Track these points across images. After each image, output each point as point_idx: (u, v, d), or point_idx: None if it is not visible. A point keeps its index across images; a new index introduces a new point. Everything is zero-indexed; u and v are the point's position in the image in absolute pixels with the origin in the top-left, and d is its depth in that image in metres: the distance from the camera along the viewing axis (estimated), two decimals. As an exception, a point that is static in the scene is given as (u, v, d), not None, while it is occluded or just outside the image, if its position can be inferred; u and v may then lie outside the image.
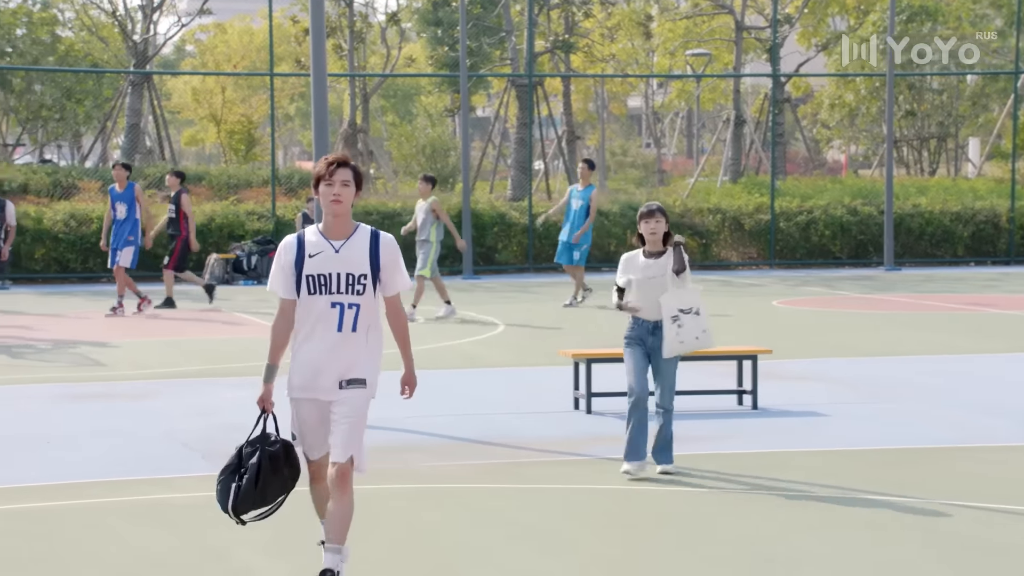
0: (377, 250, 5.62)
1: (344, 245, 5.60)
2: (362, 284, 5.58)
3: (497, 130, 35.37)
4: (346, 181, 5.58)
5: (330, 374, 5.61)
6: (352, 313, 5.57)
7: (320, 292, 5.57)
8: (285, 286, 5.65)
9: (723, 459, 8.79)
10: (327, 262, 5.58)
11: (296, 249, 5.62)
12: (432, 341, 15.02)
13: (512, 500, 7.72)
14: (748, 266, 27.01)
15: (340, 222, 5.63)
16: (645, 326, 8.10)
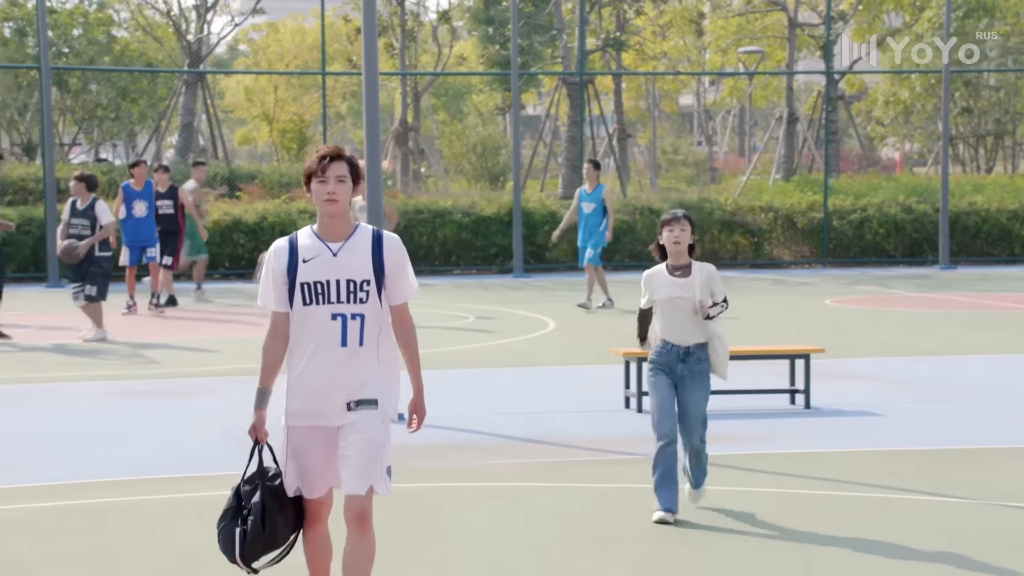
0: (380, 252, 4.90)
1: (343, 248, 4.88)
2: (365, 291, 4.85)
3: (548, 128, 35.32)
4: (341, 176, 4.86)
5: (336, 396, 4.87)
6: (356, 325, 4.85)
7: (317, 302, 4.84)
8: (276, 297, 4.91)
9: (775, 459, 8.71)
10: (324, 268, 4.85)
11: (288, 254, 4.89)
12: (482, 340, 15.02)
13: (562, 499, 7.68)
14: (800, 264, 26.80)
15: (337, 223, 4.89)
16: (675, 352, 6.99)
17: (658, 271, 7.03)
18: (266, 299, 4.96)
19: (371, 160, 10.40)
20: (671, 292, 6.92)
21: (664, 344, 7.00)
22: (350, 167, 4.88)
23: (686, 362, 6.96)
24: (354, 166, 4.89)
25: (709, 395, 7.06)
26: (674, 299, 6.92)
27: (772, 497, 7.73)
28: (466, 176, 37.99)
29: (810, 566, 6.28)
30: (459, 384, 12.01)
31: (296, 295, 4.87)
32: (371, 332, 4.88)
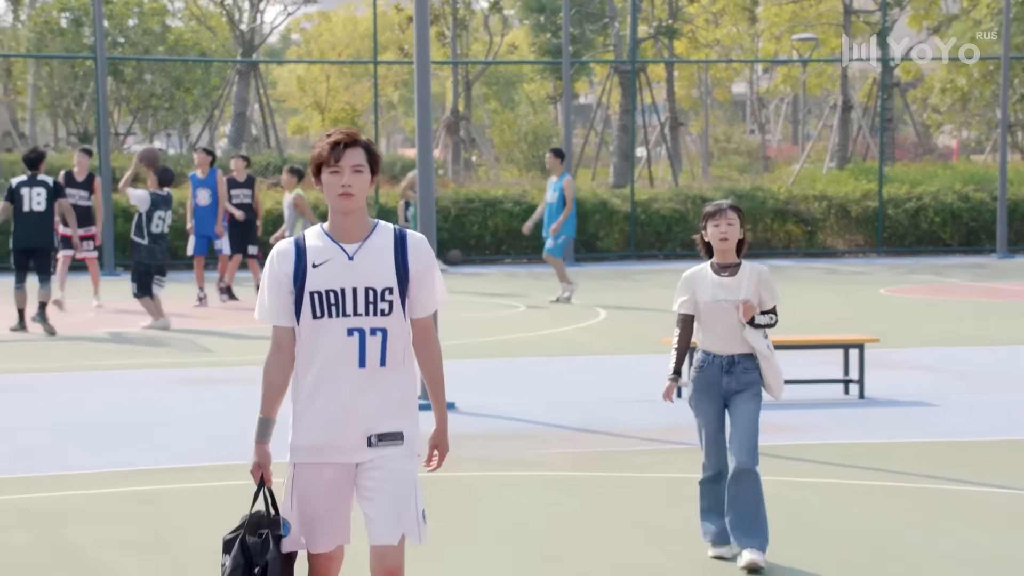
0: (404, 255, 4.14)
1: (360, 250, 4.12)
2: (387, 301, 4.10)
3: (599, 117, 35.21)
4: (358, 166, 4.10)
5: (353, 427, 4.11)
6: (377, 341, 4.09)
7: (331, 315, 4.08)
8: (279, 308, 4.15)
9: (830, 449, 8.64)
10: (338, 273, 4.09)
11: (294, 257, 4.12)
12: (534, 329, 15.00)
13: (616, 488, 7.66)
14: (855, 254, 26.57)
15: (353, 220, 4.13)
16: (718, 363, 6.00)
17: (701, 271, 6.05)
18: (266, 311, 4.17)
19: (423, 149, 10.40)
20: (715, 294, 5.98)
21: (705, 356, 6.04)
22: (368, 154, 4.14)
23: (732, 373, 5.98)
24: (372, 153, 4.16)
25: (760, 410, 6.00)
26: (718, 302, 5.97)
27: (830, 488, 7.66)
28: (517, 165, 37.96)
29: (866, 559, 6.22)
30: (510, 373, 12.00)
31: (304, 306, 4.11)
32: (395, 350, 4.13)
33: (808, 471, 8.00)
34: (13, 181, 14.87)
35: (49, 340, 14.06)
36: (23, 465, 8.32)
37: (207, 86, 40.07)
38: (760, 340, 5.97)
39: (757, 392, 6.00)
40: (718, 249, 6.02)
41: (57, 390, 11.12)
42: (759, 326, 5.95)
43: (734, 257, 6.04)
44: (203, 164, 17.49)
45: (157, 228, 14.73)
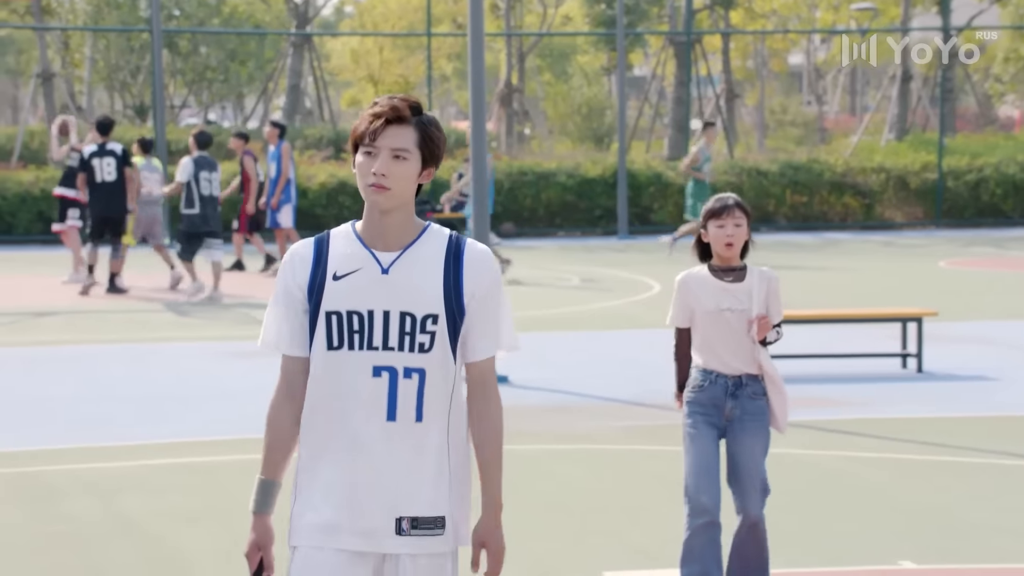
0: (459, 272, 3.13)
1: (399, 261, 3.12)
2: (428, 333, 3.10)
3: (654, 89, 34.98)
4: (400, 150, 3.08)
5: (376, 503, 3.10)
6: (412, 387, 3.09)
7: (352, 345, 3.09)
8: (291, 332, 3.17)
9: (888, 424, 8.54)
10: (367, 290, 3.10)
11: (312, 262, 3.15)
12: (587, 302, 14.95)
13: (670, 462, 7.60)
14: (913, 226, 26.24)
15: (391, 222, 3.13)
16: (722, 384, 5.00)
17: (700, 274, 5.09)
18: (272, 336, 3.20)
19: (476, 122, 10.35)
20: (719, 302, 5.01)
21: (704, 375, 5.04)
22: (421, 136, 3.10)
23: (738, 397, 4.98)
24: (428, 136, 3.11)
25: (768, 446, 5.03)
26: (723, 311, 5.00)
27: (889, 463, 7.56)
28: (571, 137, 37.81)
29: (930, 536, 6.13)
30: (564, 346, 11.96)
31: (318, 331, 3.11)
32: (435, 400, 3.11)
33: (866, 446, 7.91)
34: (85, 151, 15.11)
35: (106, 312, 14.19)
36: (80, 435, 8.40)
37: (261, 59, 40.23)
38: (768, 360, 5.02)
39: (766, 425, 5.01)
40: (721, 255, 5.03)
41: (114, 362, 11.22)
42: (767, 344, 5.03)
43: (738, 260, 5.06)
44: (273, 137, 17.57)
45: (206, 191, 14.88)
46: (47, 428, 8.61)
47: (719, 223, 5.00)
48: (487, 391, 3.21)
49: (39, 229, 22.31)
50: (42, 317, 13.83)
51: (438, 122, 3.16)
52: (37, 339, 12.36)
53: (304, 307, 3.16)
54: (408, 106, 3.12)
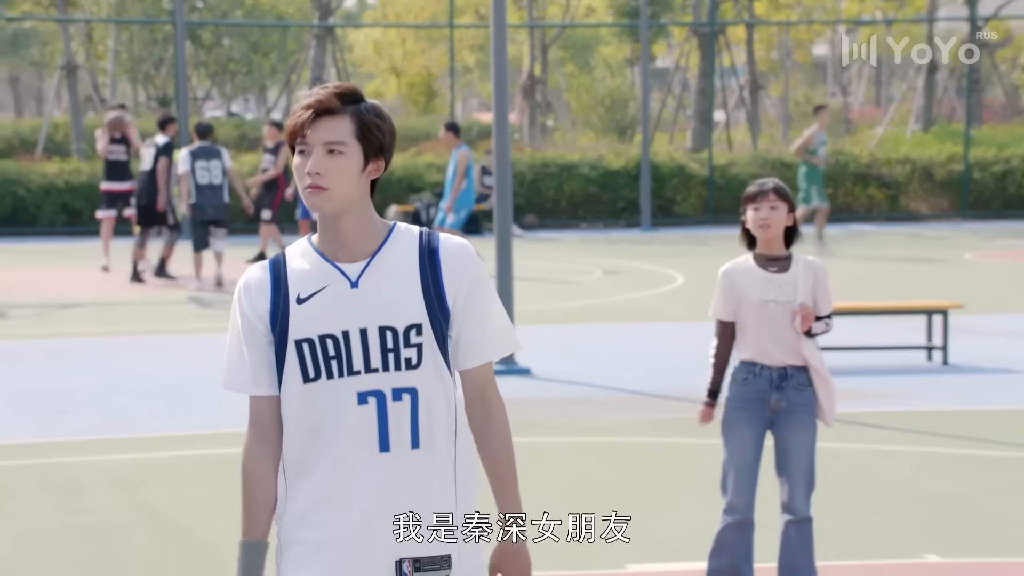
0: (437, 271, 2.81)
1: (368, 271, 2.79)
2: (414, 346, 2.77)
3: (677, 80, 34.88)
4: (334, 144, 2.76)
5: (374, 550, 2.76)
6: (404, 409, 2.77)
7: (330, 373, 2.77)
8: (255, 370, 2.83)
9: (914, 417, 8.49)
10: (337, 309, 2.77)
11: (270, 287, 2.81)
12: (610, 294, 14.92)
13: (691, 455, 7.58)
14: (938, 218, 26.09)
15: (348, 227, 2.79)
16: (766, 376, 4.89)
17: (744, 265, 4.96)
18: (235, 374, 2.86)
19: (499, 113, 10.32)
20: (764, 293, 4.88)
21: (749, 368, 4.91)
22: (359, 125, 2.77)
23: (783, 389, 4.86)
24: (365, 123, 2.77)
25: (816, 440, 4.92)
26: (766, 303, 4.87)
27: (913, 456, 7.52)
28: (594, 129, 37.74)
29: (953, 528, 6.09)
30: (587, 339, 11.94)
31: (289, 364, 2.78)
32: (433, 420, 2.79)
33: (891, 439, 7.87)
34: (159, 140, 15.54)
35: (131, 304, 14.23)
36: (104, 427, 8.43)
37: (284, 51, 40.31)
38: (816, 353, 4.91)
39: (813, 417, 4.90)
40: (760, 238, 4.92)
41: (138, 354, 11.26)
42: (813, 335, 4.92)
43: (782, 248, 4.93)
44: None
45: (203, 179, 14.95)
46: (72, 420, 8.64)
47: (755, 206, 4.90)
48: (488, 402, 2.86)
49: (63, 221, 22.41)
50: (66, 309, 13.89)
51: (380, 108, 2.81)
52: (61, 331, 12.41)
53: (268, 339, 2.80)
54: (339, 94, 2.77)
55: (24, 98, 52.51)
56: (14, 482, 7.10)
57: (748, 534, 4.91)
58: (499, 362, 9.98)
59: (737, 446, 4.88)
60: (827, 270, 4.97)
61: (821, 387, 4.90)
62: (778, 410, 4.87)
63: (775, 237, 4.90)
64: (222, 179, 15.14)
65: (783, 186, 4.95)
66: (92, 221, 22.53)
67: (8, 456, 7.66)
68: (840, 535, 6.06)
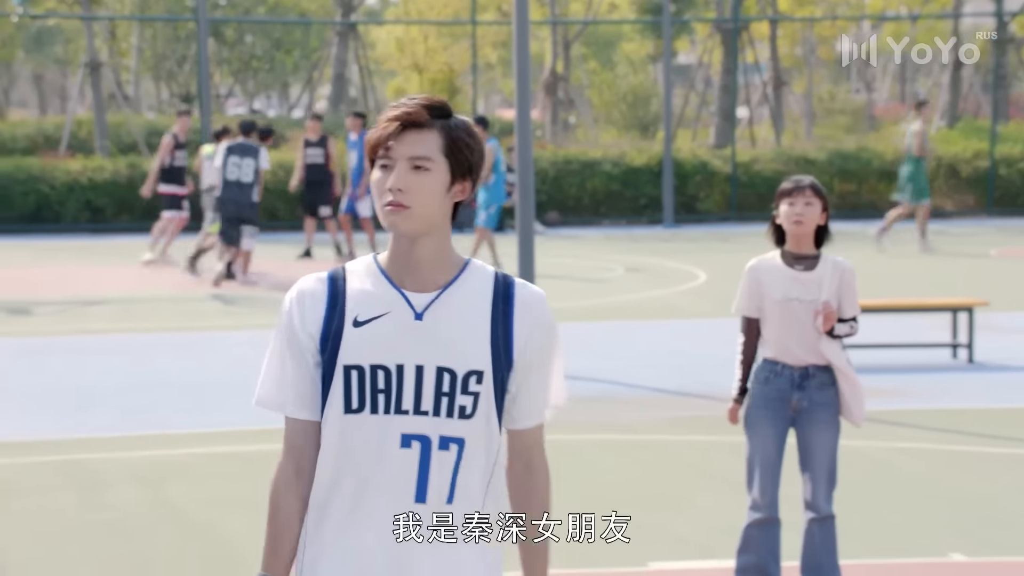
0: (509, 318, 2.60)
1: (436, 304, 2.58)
2: (471, 395, 2.56)
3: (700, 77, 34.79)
4: (420, 159, 2.54)
5: None
6: (449, 461, 2.56)
7: (376, 408, 2.55)
8: (297, 389, 2.64)
9: (939, 415, 8.43)
10: (396, 339, 2.55)
11: (326, 303, 2.61)
12: (633, 292, 14.88)
13: (714, 453, 7.54)
14: (964, 215, 25.93)
15: (424, 254, 2.58)
16: (787, 375, 4.87)
17: (770, 262, 4.91)
18: (273, 390, 2.68)
19: (521, 110, 10.30)
20: (788, 291, 4.84)
21: (771, 367, 4.89)
22: (448, 141, 2.55)
23: (804, 388, 4.84)
24: (456, 141, 2.55)
25: (839, 439, 4.89)
26: (789, 301, 4.83)
27: (938, 455, 7.47)
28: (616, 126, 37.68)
29: (977, 526, 6.04)
30: (609, 336, 11.91)
31: (334, 390, 2.57)
32: (472, 477, 2.58)
33: (915, 437, 7.81)
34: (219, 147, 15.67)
35: (154, 301, 14.27)
36: (127, 424, 8.45)
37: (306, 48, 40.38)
38: (838, 353, 4.86)
39: (835, 416, 4.87)
40: (791, 234, 4.85)
41: (162, 350, 11.28)
42: (837, 336, 4.86)
43: (811, 247, 4.88)
44: (355, 126, 17.63)
45: (232, 175, 15.00)
46: (94, 416, 8.66)
47: (790, 201, 4.83)
48: (532, 467, 2.69)
49: (87, 218, 22.49)
50: (90, 306, 13.94)
51: (471, 126, 2.59)
52: (85, 328, 12.45)
53: (316, 359, 2.59)
54: (428, 106, 2.56)
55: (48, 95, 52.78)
56: (37, 478, 7.12)
57: (774, 531, 4.90)
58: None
59: (759, 445, 4.87)
60: (855, 272, 4.90)
61: (847, 388, 4.85)
62: (800, 409, 4.85)
63: (806, 234, 4.84)
64: (252, 178, 15.13)
65: (819, 184, 4.90)
66: (115, 218, 22.62)
67: (31, 453, 7.68)
68: (864, 533, 6.01)
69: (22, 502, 6.64)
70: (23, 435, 8.16)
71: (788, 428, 4.89)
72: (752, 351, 4.99)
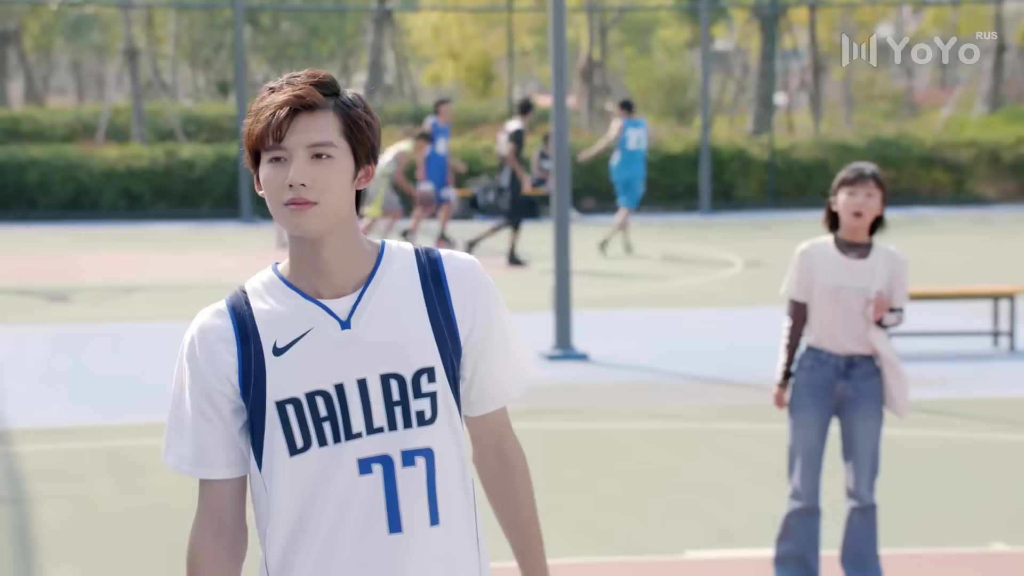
0: (445, 298, 2.26)
1: (361, 306, 2.22)
2: (427, 395, 2.23)
3: (738, 63, 34.59)
4: (320, 145, 2.18)
5: None
6: (419, 478, 2.22)
7: (324, 440, 2.21)
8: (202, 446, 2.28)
9: (980, 404, 8.35)
10: (328, 357, 2.21)
11: (236, 338, 2.23)
12: (669, 279, 14.82)
13: (751, 441, 7.50)
14: (1006, 201, 25.68)
15: (334, 253, 2.22)
16: (832, 364, 4.81)
17: (823, 247, 4.83)
18: (186, 453, 2.29)
19: (558, 97, 10.25)
20: (838, 279, 4.78)
21: (815, 355, 4.84)
22: (346, 122, 2.20)
23: (849, 377, 4.79)
24: (355, 122, 2.21)
25: (882, 428, 4.84)
26: (840, 289, 4.78)
27: (979, 443, 7.39)
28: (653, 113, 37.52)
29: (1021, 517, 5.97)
30: (646, 324, 11.86)
31: (270, 433, 2.21)
32: (451, 485, 2.25)
33: (956, 426, 7.74)
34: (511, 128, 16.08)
35: (192, 288, 14.33)
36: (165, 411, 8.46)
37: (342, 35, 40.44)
38: (885, 343, 4.80)
39: (879, 406, 4.82)
40: (848, 225, 4.76)
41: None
42: (884, 326, 4.80)
43: (865, 236, 4.80)
44: (446, 113, 17.69)
45: None
46: (133, 403, 8.71)
47: (851, 190, 4.73)
48: (505, 454, 2.33)
49: (124, 205, 22.63)
50: (129, 292, 14.01)
51: (365, 100, 2.23)
52: (124, 314, 12.52)
53: (234, 406, 2.22)
54: (319, 84, 2.19)
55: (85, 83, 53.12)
56: (76, 465, 7.16)
57: (814, 521, 4.87)
58: (557, 346, 9.92)
59: (802, 433, 4.82)
60: (907, 263, 4.85)
61: (893, 378, 4.81)
62: (844, 398, 4.80)
63: (864, 226, 4.77)
64: None
65: (880, 174, 4.81)
66: (152, 205, 22.75)
67: (70, 439, 7.73)
68: (905, 523, 5.96)
69: (62, 488, 6.68)
70: (63, 422, 8.21)
71: (831, 417, 4.85)
72: (798, 336, 4.93)
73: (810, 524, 4.86)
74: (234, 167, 23.52)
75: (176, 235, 17.41)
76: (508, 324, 2.32)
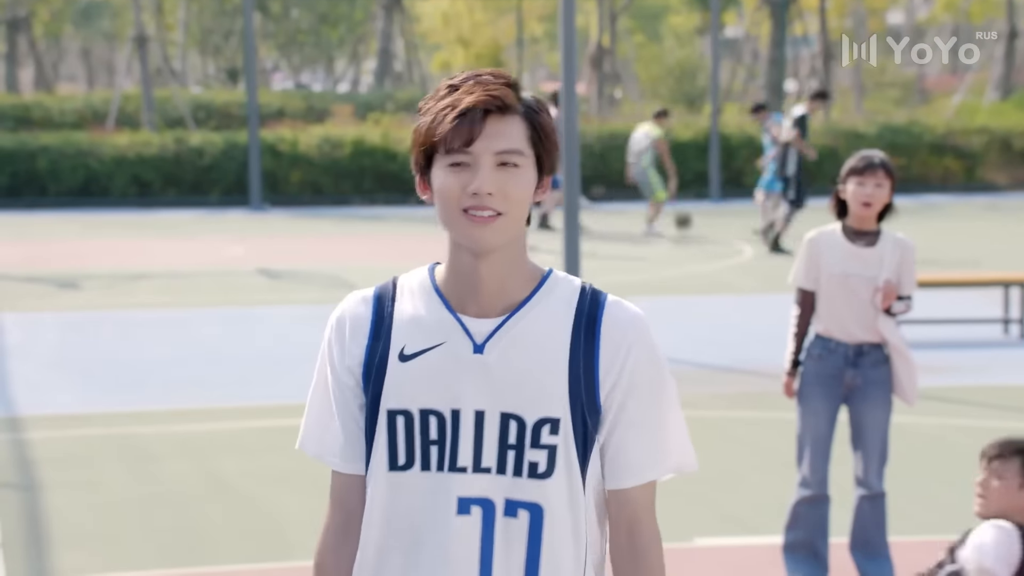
0: (593, 346, 2.09)
1: (500, 333, 2.07)
2: (545, 448, 2.05)
3: (748, 50, 34.51)
4: (509, 153, 2.04)
5: None
6: (520, 533, 2.06)
7: (427, 464, 2.07)
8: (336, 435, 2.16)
9: (989, 391, 8.34)
10: (452, 378, 2.07)
11: (369, 331, 2.14)
12: (677, 266, 14.80)
13: (761, 429, 7.50)
14: (1017, 188, 25.59)
15: (493, 270, 2.07)
16: (841, 352, 4.79)
17: (831, 235, 4.81)
18: (314, 436, 2.19)
19: (567, 84, 10.23)
20: (846, 267, 4.76)
21: (824, 343, 4.81)
22: (533, 129, 2.05)
23: (858, 366, 4.76)
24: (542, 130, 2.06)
25: (891, 416, 4.82)
26: (848, 277, 4.75)
27: (991, 432, 7.35)
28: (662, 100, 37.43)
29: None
30: (655, 312, 11.84)
31: (378, 440, 2.10)
32: (559, 553, 2.07)
33: (966, 413, 7.73)
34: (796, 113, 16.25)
35: (202, 275, 14.35)
36: (175, 398, 8.51)
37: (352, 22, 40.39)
38: (894, 330, 4.78)
39: (888, 394, 4.80)
40: (856, 214, 4.75)
41: (209, 325, 11.35)
42: (893, 314, 4.78)
43: (873, 224, 4.78)
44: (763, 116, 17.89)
45: None
46: (144, 390, 8.73)
47: (860, 180, 4.70)
48: (637, 537, 2.12)
49: (134, 192, 22.65)
50: (139, 280, 14.04)
51: (546, 106, 2.07)
52: (133, 302, 12.55)
53: (359, 400, 2.10)
54: (511, 84, 2.03)
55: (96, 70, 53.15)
56: (87, 452, 7.18)
57: (823, 509, 4.86)
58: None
59: (811, 422, 4.81)
60: (915, 250, 4.84)
61: (902, 365, 4.78)
62: (853, 387, 4.79)
63: (872, 215, 4.75)
64: None
65: (889, 163, 4.78)
66: (162, 192, 22.77)
67: (81, 426, 7.75)
68: (914, 510, 5.96)
69: (73, 475, 6.71)
70: (74, 408, 8.23)
71: (840, 405, 4.83)
72: (807, 324, 4.90)
73: (819, 512, 4.85)
74: (244, 154, 23.54)
75: (186, 222, 17.44)
76: (667, 396, 2.12)
